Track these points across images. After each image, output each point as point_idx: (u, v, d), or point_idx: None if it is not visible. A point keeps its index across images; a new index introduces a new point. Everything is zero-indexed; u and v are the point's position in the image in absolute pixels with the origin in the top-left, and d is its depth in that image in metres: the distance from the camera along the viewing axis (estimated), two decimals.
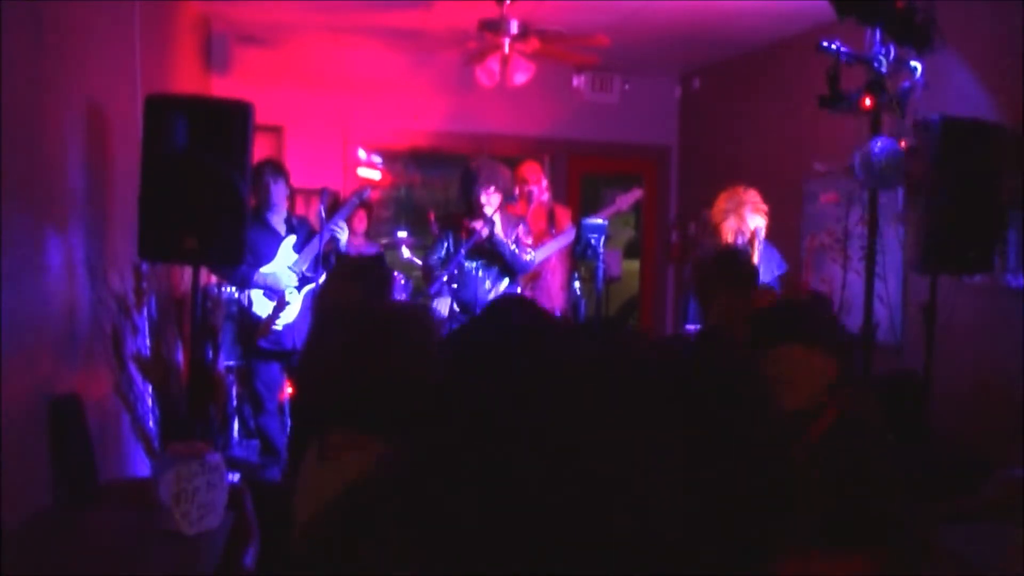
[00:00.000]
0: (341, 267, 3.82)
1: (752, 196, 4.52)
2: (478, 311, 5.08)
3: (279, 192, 5.05)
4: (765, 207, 4.54)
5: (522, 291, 5.39)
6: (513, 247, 5.08)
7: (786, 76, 6.31)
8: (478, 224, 5.04)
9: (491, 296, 5.14)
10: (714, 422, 0.84)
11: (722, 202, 4.54)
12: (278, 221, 5.09)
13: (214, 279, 5.21)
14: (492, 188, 5.06)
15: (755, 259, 4.56)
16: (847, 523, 2.16)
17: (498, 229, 5.03)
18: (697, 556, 0.78)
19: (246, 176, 3.46)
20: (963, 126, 3.71)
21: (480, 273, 5.15)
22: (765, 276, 4.60)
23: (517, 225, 5.21)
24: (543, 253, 5.57)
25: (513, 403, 0.80)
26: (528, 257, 5.18)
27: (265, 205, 5.01)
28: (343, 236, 5.06)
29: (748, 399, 0.93)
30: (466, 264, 5.12)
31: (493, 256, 5.12)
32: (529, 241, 5.22)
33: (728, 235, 4.50)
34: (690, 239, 7.64)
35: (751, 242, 4.52)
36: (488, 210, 5.03)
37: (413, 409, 1.91)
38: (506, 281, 5.21)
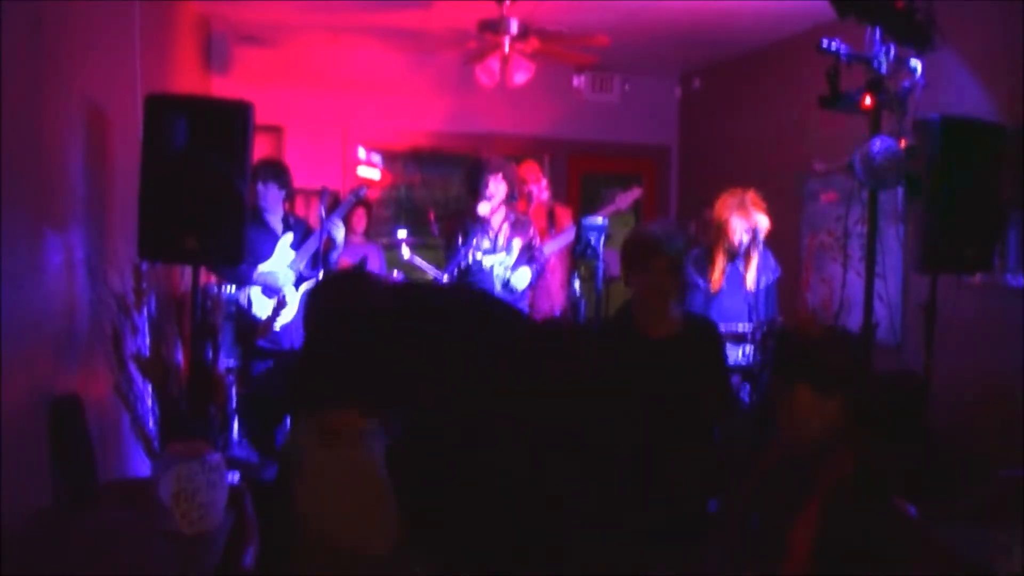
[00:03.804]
0: (325, 286, 3.75)
1: (755, 196, 4.54)
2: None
3: (268, 196, 5.02)
4: (764, 204, 4.56)
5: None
6: (507, 274, 5.15)
7: (786, 76, 6.31)
8: (483, 210, 5.08)
9: (505, 290, 5.16)
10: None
11: (727, 199, 4.55)
12: (275, 220, 5.08)
13: (213, 279, 5.20)
14: (500, 176, 5.10)
15: (752, 262, 4.56)
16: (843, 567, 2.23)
17: (506, 241, 5.10)
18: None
19: (246, 176, 3.46)
20: (963, 126, 3.70)
21: (496, 268, 5.16)
22: (760, 280, 4.60)
23: (527, 226, 5.23)
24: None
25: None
26: (522, 284, 5.23)
27: (257, 206, 5.00)
28: (340, 234, 5.06)
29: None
30: (482, 261, 5.14)
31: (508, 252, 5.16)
32: (538, 242, 5.27)
33: (734, 233, 4.50)
34: (690, 239, 7.64)
35: (748, 246, 4.52)
36: (496, 200, 5.07)
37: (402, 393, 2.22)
38: (521, 272, 5.20)
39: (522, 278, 5.21)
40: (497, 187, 5.10)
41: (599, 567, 2.71)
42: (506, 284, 5.16)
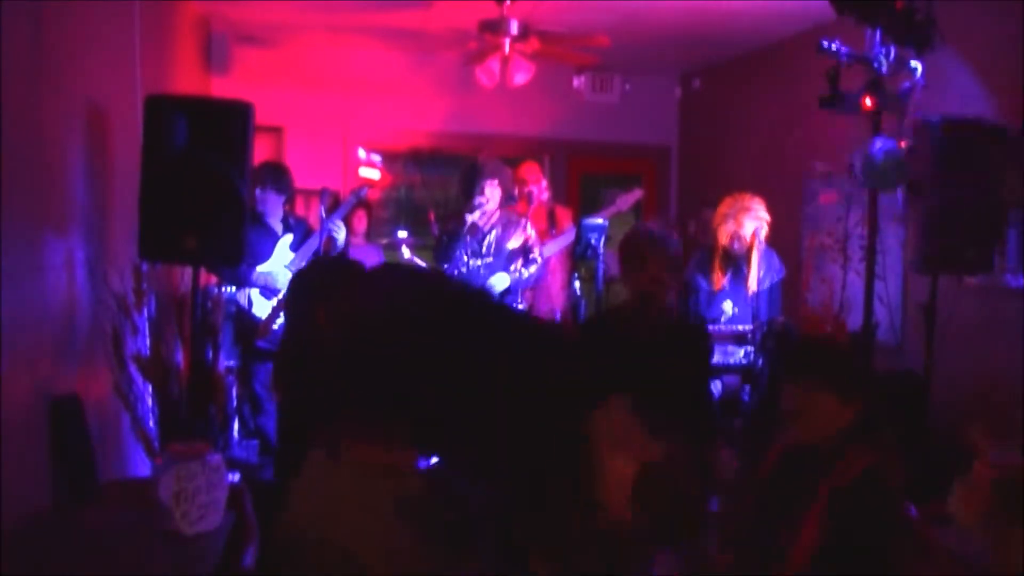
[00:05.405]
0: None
1: (754, 203, 4.54)
2: None
3: (267, 201, 5.01)
4: (767, 216, 4.55)
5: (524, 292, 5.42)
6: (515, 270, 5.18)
7: (786, 76, 6.30)
8: (474, 217, 5.11)
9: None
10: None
11: (724, 207, 4.58)
12: (275, 221, 5.08)
13: (213, 279, 5.20)
14: (496, 181, 5.14)
15: (753, 263, 4.57)
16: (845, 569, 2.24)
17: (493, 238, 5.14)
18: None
19: (246, 176, 3.46)
20: (963, 126, 3.71)
21: (483, 271, 5.18)
22: (764, 281, 4.61)
23: (519, 225, 5.24)
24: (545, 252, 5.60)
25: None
26: (526, 273, 5.25)
27: (256, 210, 5.00)
28: (340, 235, 5.06)
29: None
30: (469, 262, 5.16)
31: (497, 254, 5.18)
32: (534, 241, 5.29)
33: (724, 238, 4.52)
34: (690, 239, 7.64)
35: (748, 247, 4.53)
36: (489, 205, 5.11)
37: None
38: (498, 277, 5.22)
39: (500, 282, 5.23)
40: (492, 192, 5.14)
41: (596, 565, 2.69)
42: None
